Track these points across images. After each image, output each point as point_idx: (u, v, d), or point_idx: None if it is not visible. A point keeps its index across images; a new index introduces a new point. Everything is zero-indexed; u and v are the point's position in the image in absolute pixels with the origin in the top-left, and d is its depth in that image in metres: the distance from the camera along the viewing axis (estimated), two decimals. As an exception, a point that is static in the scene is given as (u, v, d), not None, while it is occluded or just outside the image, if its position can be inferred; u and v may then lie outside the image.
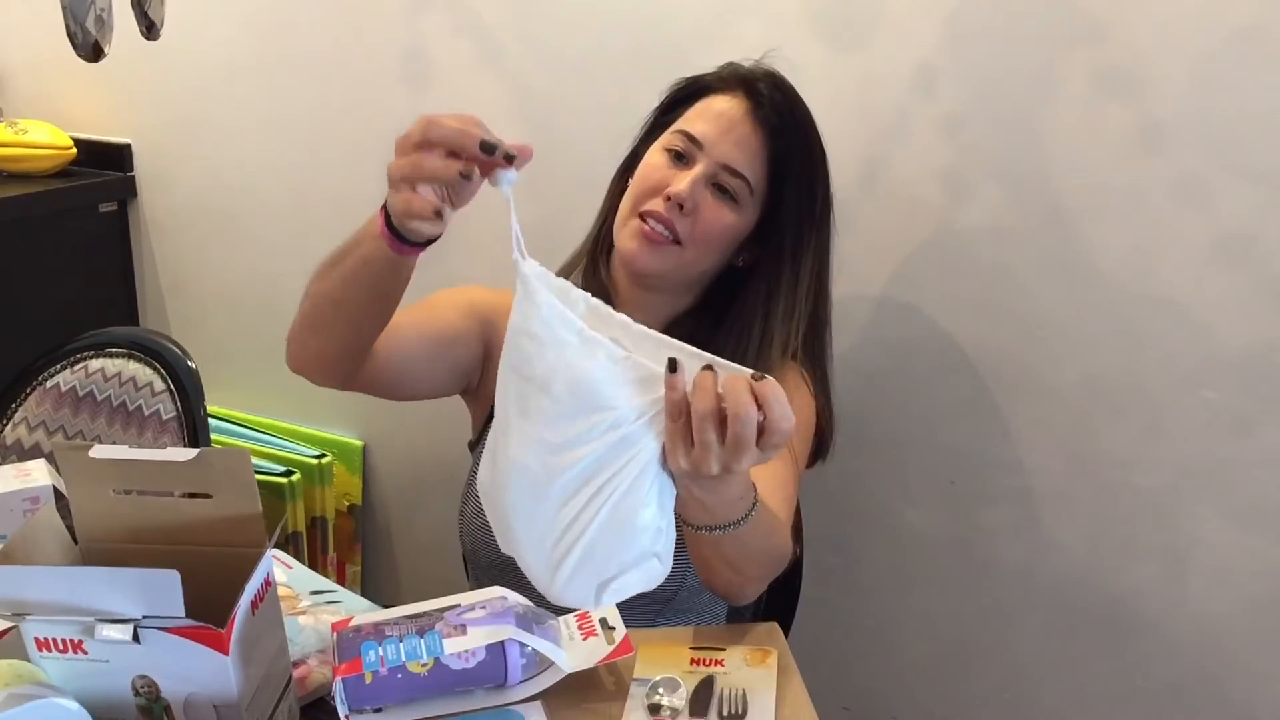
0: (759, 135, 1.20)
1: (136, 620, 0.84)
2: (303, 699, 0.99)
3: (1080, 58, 1.40)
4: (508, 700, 0.95)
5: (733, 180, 1.20)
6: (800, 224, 1.23)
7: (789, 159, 1.21)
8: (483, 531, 1.29)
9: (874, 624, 1.73)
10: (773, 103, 1.21)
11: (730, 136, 1.20)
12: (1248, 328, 1.39)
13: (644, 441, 0.83)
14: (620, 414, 0.83)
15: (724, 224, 1.20)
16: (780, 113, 1.21)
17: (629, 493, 0.84)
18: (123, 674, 0.87)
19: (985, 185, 1.50)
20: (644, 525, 0.84)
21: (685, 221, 1.19)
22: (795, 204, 1.22)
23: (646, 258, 1.21)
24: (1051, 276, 1.49)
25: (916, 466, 1.64)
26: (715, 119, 1.21)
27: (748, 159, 1.20)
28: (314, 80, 1.99)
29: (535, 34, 1.79)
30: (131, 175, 2.26)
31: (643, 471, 0.84)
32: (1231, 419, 1.42)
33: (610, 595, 0.86)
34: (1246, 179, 1.35)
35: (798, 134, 1.23)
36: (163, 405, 1.56)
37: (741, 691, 0.95)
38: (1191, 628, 1.51)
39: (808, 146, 1.24)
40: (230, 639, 0.85)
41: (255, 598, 0.89)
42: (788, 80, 1.27)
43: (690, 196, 1.18)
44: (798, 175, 1.22)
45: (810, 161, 1.24)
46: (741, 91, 1.23)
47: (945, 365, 1.59)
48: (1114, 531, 1.53)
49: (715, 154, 1.20)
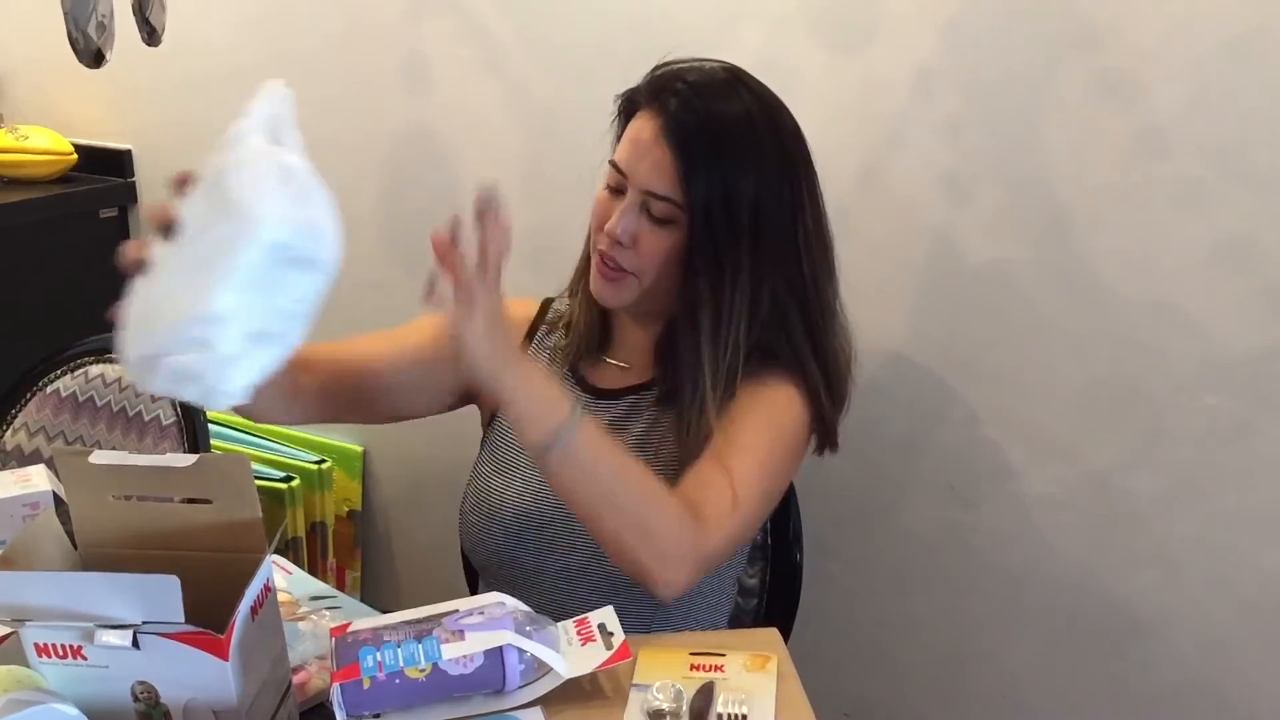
0: (670, 153, 1.15)
1: (136, 626, 0.84)
2: (302, 705, 0.99)
3: (1079, 63, 1.40)
4: (506, 706, 0.95)
5: (659, 204, 1.16)
6: (714, 239, 1.16)
7: (695, 173, 1.15)
8: (478, 529, 1.29)
9: (873, 629, 1.73)
10: (678, 116, 1.16)
11: (646, 161, 1.16)
12: (1247, 332, 1.39)
13: (256, 218, 0.80)
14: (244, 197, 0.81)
15: (664, 248, 1.17)
16: (684, 126, 1.15)
17: (207, 260, 0.81)
18: (122, 680, 0.87)
19: (985, 190, 1.50)
20: (213, 307, 0.80)
21: (628, 254, 1.18)
22: (705, 219, 1.15)
23: (609, 294, 1.21)
24: (1051, 281, 1.49)
25: (916, 471, 1.64)
26: (633, 144, 1.18)
27: (665, 180, 1.15)
28: (314, 85, 2.00)
29: (535, 39, 1.80)
30: (132, 181, 2.27)
31: (238, 246, 0.81)
32: (1231, 424, 1.42)
33: (160, 380, 0.84)
34: (1245, 184, 1.35)
35: (706, 143, 1.16)
36: (162, 411, 1.56)
37: (741, 697, 0.95)
38: (1191, 633, 1.51)
39: (722, 154, 1.16)
40: (230, 645, 0.84)
41: (255, 603, 0.89)
42: (717, 71, 1.21)
43: (624, 232, 1.17)
44: (708, 187, 1.15)
45: (726, 169, 1.16)
46: (656, 105, 1.18)
47: (945, 370, 1.59)
48: (1113, 537, 1.53)
49: (637, 182, 1.17)
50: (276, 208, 0.82)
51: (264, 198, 0.81)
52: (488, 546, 1.28)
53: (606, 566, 1.20)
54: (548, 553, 1.24)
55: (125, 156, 2.25)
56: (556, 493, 1.09)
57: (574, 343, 1.31)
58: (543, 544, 1.24)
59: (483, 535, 1.28)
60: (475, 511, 1.30)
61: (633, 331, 1.30)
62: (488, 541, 1.28)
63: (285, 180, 0.83)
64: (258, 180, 0.81)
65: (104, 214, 2.26)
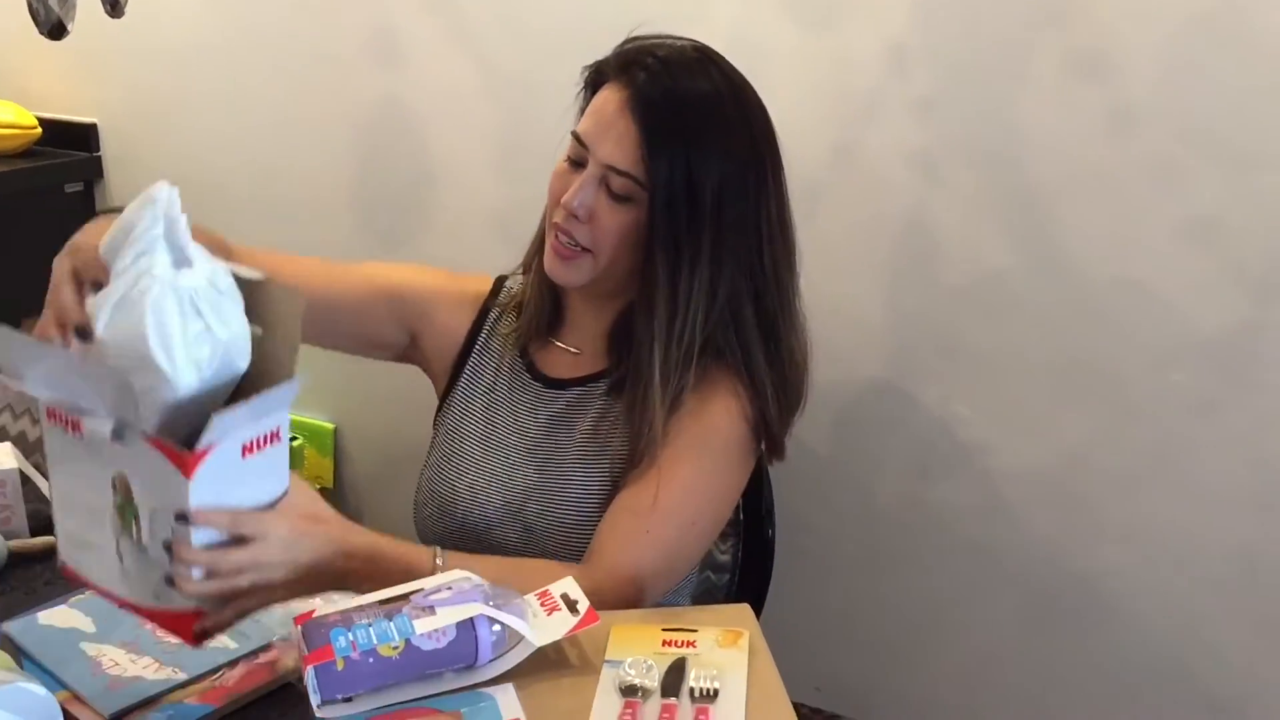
0: (634, 127, 1.11)
1: (125, 420, 0.83)
2: (271, 684, 0.99)
3: (1051, 41, 1.41)
4: (478, 681, 0.95)
5: (620, 180, 1.12)
6: (674, 220, 1.12)
7: (658, 149, 1.11)
8: (430, 523, 1.27)
9: (846, 605, 1.74)
10: (644, 91, 1.12)
11: (610, 134, 1.12)
12: (1216, 310, 1.40)
13: (171, 377, 0.82)
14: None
15: (623, 225, 1.13)
16: (650, 100, 1.12)
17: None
18: (105, 467, 0.87)
19: (956, 167, 1.50)
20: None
21: (584, 229, 1.14)
22: (667, 198, 1.11)
23: (562, 272, 1.17)
24: (1022, 258, 1.49)
25: (889, 448, 1.64)
26: (597, 116, 1.15)
27: (626, 155, 1.12)
28: (282, 58, 1.97)
29: (506, 12, 1.78)
30: (98, 155, 2.23)
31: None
32: (1199, 401, 1.44)
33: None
34: (1215, 162, 1.36)
35: (672, 120, 1.12)
36: (130, 388, 1.54)
37: (713, 673, 0.95)
38: (1158, 607, 1.53)
39: (687, 131, 1.12)
40: (195, 466, 0.83)
41: (251, 442, 0.87)
42: (687, 49, 1.17)
43: (581, 205, 1.13)
44: (670, 165, 1.11)
45: (691, 147, 1.12)
46: (623, 78, 1.14)
47: (917, 347, 1.59)
48: (1082, 512, 1.54)
49: (599, 156, 1.13)
50: (191, 358, 0.83)
51: (174, 352, 0.82)
52: (442, 542, 1.26)
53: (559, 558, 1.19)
54: (501, 547, 1.22)
55: (90, 130, 2.22)
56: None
57: (524, 324, 1.28)
58: (494, 545, 1.23)
59: (435, 529, 1.27)
60: (427, 505, 1.28)
61: (585, 315, 1.26)
62: (441, 537, 1.26)
63: (195, 313, 0.84)
64: (168, 331, 0.82)
65: (69, 188, 2.23)
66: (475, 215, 1.87)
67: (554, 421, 1.24)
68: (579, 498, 1.20)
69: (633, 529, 1.13)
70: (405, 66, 1.87)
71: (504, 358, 1.29)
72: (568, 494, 1.21)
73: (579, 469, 1.21)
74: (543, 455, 1.23)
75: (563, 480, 1.21)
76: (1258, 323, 1.38)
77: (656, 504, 1.13)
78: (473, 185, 1.87)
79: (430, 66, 1.86)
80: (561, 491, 1.21)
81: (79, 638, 1.03)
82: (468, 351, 1.31)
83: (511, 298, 1.32)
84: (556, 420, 1.24)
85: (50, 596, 1.10)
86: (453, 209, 1.90)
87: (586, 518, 1.19)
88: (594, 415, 1.23)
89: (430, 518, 1.27)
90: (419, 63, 1.86)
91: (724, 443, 1.19)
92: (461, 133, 1.87)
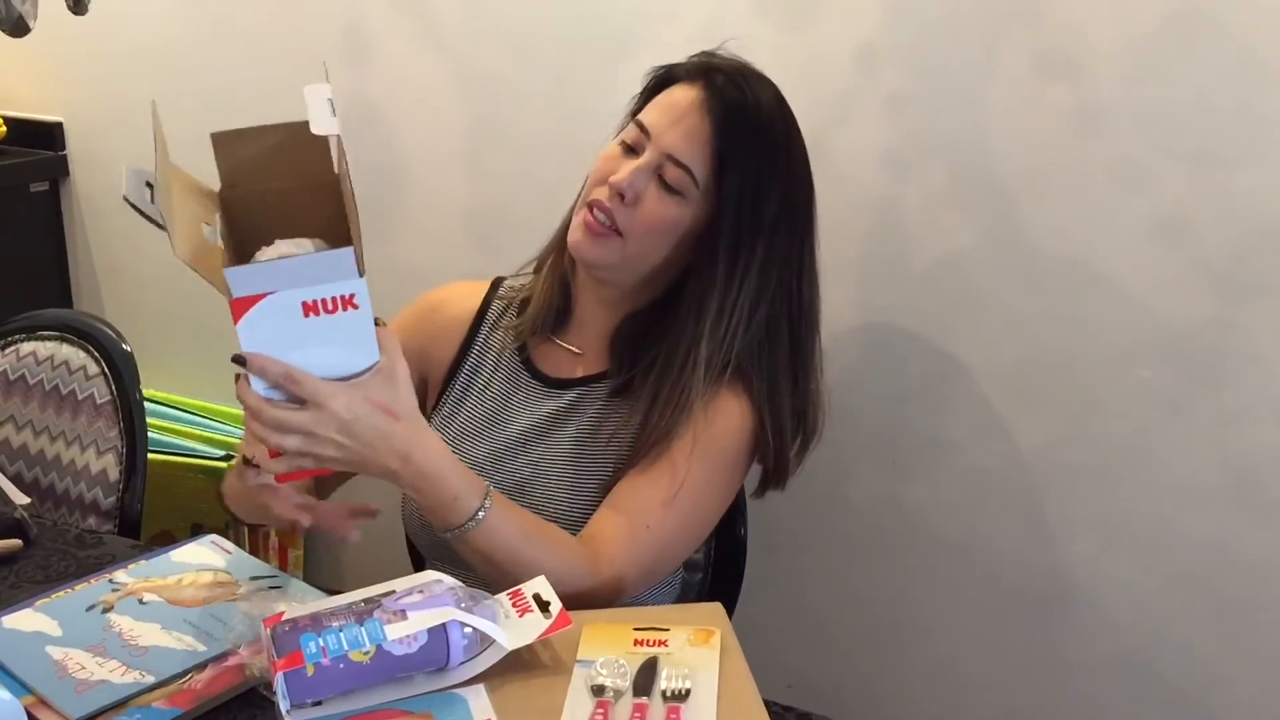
0: (707, 125, 1.14)
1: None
2: (237, 688, 0.98)
3: (1020, 40, 1.41)
4: (449, 683, 0.94)
5: (676, 171, 1.14)
6: (739, 225, 1.15)
7: (734, 152, 1.15)
8: (420, 516, 1.27)
9: (817, 602, 1.75)
10: (725, 93, 1.16)
11: (679, 127, 1.15)
12: (1182, 308, 1.41)
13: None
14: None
15: (666, 216, 1.15)
16: (730, 103, 1.15)
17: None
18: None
19: (926, 165, 1.51)
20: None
21: (626, 212, 1.15)
22: (736, 202, 1.15)
23: (587, 247, 1.18)
24: (990, 256, 1.50)
25: (859, 445, 1.65)
26: (667, 109, 1.17)
27: (693, 150, 1.14)
28: (251, 56, 1.96)
29: (477, 11, 1.77)
30: (63, 154, 2.21)
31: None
32: (1165, 397, 1.45)
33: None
34: (1182, 161, 1.37)
35: (750, 127, 1.16)
36: (97, 389, 1.53)
37: (685, 671, 0.95)
38: (1125, 601, 1.54)
39: (762, 142, 1.17)
40: (243, 312, 0.91)
41: (316, 303, 0.92)
42: (760, 73, 1.21)
43: (630, 186, 1.14)
44: (743, 171, 1.15)
45: (762, 158, 1.16)
46: (701, 81, 1.17)
47: (886, 344, 1.60)
48: (1049, 508, 1.55)
49: (662, 144, 1.15)
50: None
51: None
52: (431, 534, 1.26)
53: None
54: None
55: (56, 129, 2.20)
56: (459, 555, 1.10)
57: (529, 318, 1.28)
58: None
59: (424, 522, 1.27)
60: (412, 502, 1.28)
61: (593, 315, 1.26)
62: (430, 533, 1.26)
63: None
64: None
65: (34, 188, 2.21)
66: (445, 215, 1.86)
67: (550, 419, 1.25)
68: (572, 492, 1.21)
69: (635, 524, 1.14)
70: (374, 65, 1.86)
71: (502, 353, 1.30)
72: (561, 488, 1.21)
73: (573, 463, 1.22)
74: (537, 451, 1.24)
75: (556, 474, 1.22)
76: (1225, 320, 1.40)
77: (664, 502, 1.15)
78: (443, 185, 1.86)
79: (399, 65, 1.85)
80: (555, 485, 1.22)
81: (44, 641, 1.02)
82: (467, 349, 1.31)
83: (515, 293, 1.33)
84: (553, 418, 1.24)
85: (14, 600, 1.09)
86: (422, 209, 1.89)
87: (579, 511, 1.20)
88: (592, 415, 1.24)
89: (415, 515, 1.27)
90: (390, 61, 1.85)
91: (732, 452, 1.21)
92: (431, 132, 1.86)
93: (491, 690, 0.94)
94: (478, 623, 0.94)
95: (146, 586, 1.12)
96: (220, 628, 1.04)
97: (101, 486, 1.51)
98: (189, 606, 1.08)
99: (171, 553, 1.18)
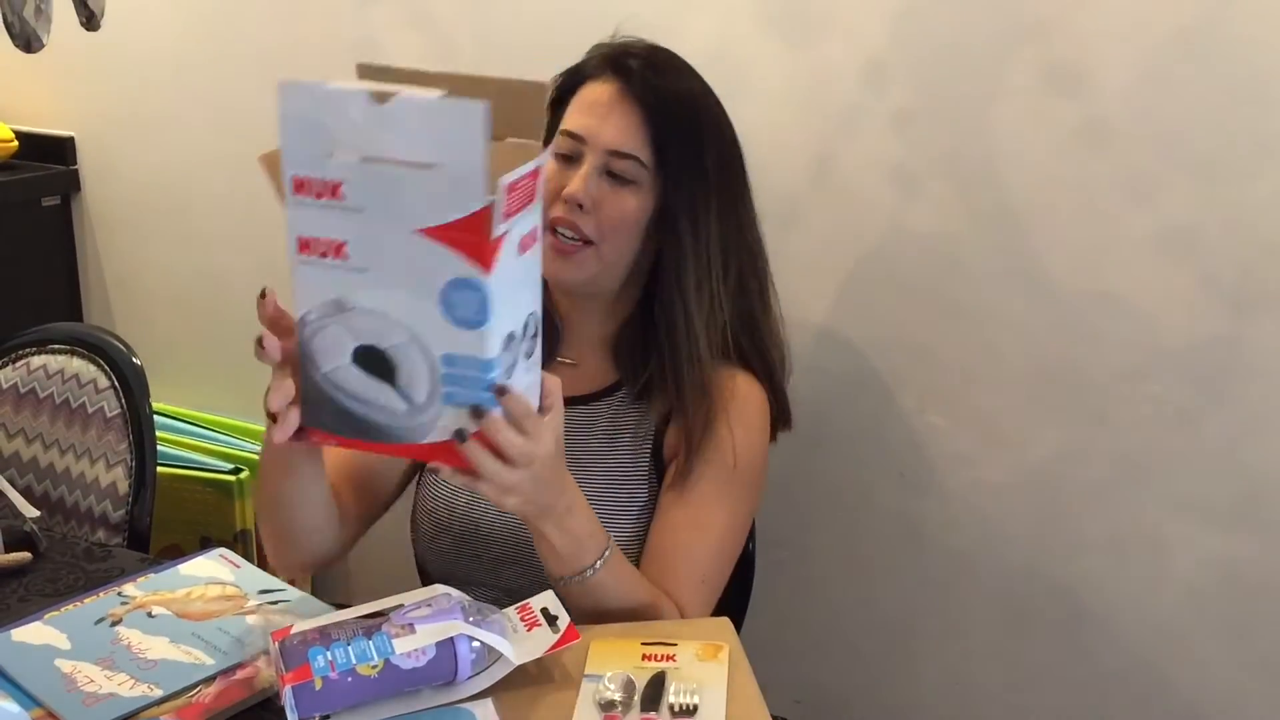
0: (636, 112, 1.16)
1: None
2: (248, 700, 0.98)
3: (1027, 55, 1.42)
4: (457, 697, 0.94)
5: (623, 163, 1.15)
6: (692, 194, 1.17)
7: (667, 127, 1.16)
8: (428, 539, 1.27)
9: (825, 617, 1.74)
10: (643, 76, 1.17)
11: (610, 120, 1.16)
12: (1190, 321, 1.41)
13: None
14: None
15: (628, 209, 1.16)
16: (650, 84, 1.17)
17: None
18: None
19: (933, 181, 1.51)
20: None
21: (589, 219, 1.16)
22: (680, 173, 1.17)
23: (565, 270, 1.18)
24: (998, 271, 1.50)
25: (866, 459, 1.65)
26: (591, 108, 1.18)
27: (631, 138, 1.15)
28: (261, 71, 1.96)
29: (485, 27, 1.78)
30: (75, 169, 2.22)
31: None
32: (1174, 412, 1.45)
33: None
34: (1189, 175, 1.37)
35: (675, 103, 1.18)
36: (106, 402, 1.53)
37: (693, 687, 0.95)
38: (1136, 617, 1.53)
39: (688, 114, 1.19)
40: (493, 256, 0.80)
41: (529, 233, 0.85)
42: (663, 47, 1.23)
43: (586, 193, 1.15)
44: (680, 142, 1.17)
45: (693, 125, 1.18)
46: (610, 72, 1.19)
47: (894, 358, 1.60)
48: (1059, 523, 1.55)
49: (600, 142, 1.16)
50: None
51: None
52: (440, 558, 1.26)
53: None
54: (502, 566, 1.22)
55: (68, 144, 2.21)
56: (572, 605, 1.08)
57: None
58: (493, 559, 1.23)
59: (432, 545, 1.26)
60: (425, 522, 1.28)
61: (581, 324, 1.26)
62: (439, 553, 1.26)
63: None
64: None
65: (46, 202, 2.22)
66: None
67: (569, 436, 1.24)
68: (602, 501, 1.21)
69: (690, 575, 1.16)
70: (385, 80, 1.87)
71: None
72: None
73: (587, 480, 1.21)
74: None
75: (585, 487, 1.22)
76: (1233, 335, 1.39)
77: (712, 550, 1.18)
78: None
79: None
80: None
81: (53, 654, 1.02)
82: None
83: None
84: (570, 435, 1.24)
85: (23, 613, 1.09)
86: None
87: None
88: (604, 428, 1.24)
89: (428, 535, 1.27)
90: (398, 76, 1.86)
91: (759, 472, 1.24)
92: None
93: (499, 704, 0.94)
94: (486, 637, 0.94)
95: (155, 600, 1.12)
96: (229, 641, 1.04)
97: (111, 500, 1.51)
98: (197, 620, 1.08)
99: (180, 566, 1.18)
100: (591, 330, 1.26)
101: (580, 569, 1.05)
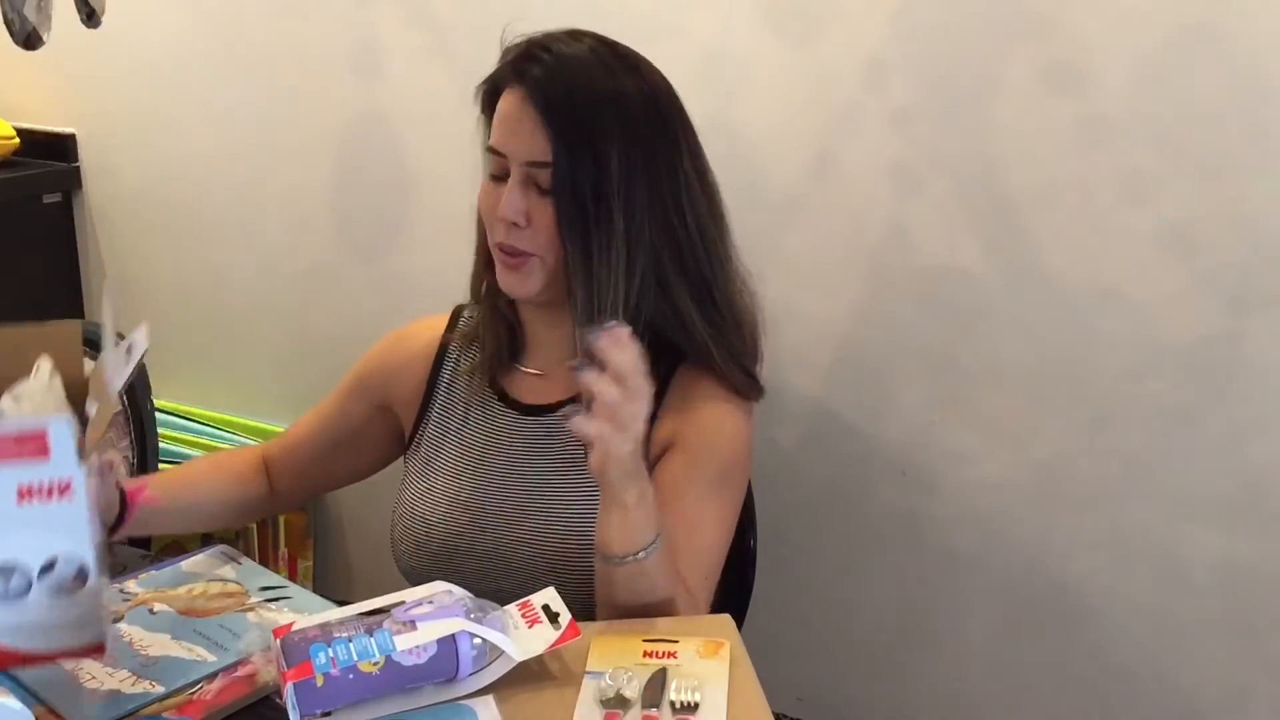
0: (538, 118, 1.13)
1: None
2: (249, 698, 0.98)
3: (1027, 53, 1.42)
4: (458, 694, 0.94)
5: (541, 172, 1.13)
6: (582, 197, 1.13)
7: (566, 130, 1.13)
8: (408, 554, 1.27)
9: (826, 614, 1.75)
10: (535, 78, 1.15)
11: (519, 133, 1.14)
12: (1192, 319, 1.41)
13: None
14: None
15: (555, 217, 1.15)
16: (543, 86, 1.14)
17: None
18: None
19: (934, 178, 1.51)
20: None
21: (526, 234, 1.15)
22: (574, 173, 1.13)
23: (518, 285, 1.18)
24: (999, 269, 1.50)
25: (868, 458, 1.65)
26: (504, 121, 1.17)
27: (539, 146, 1.13)
28: (262, 69, 1.97)
29: (486, 25, 1.77)
30: (76, 166, 2.22)
31: None
32: (1176, 410, 1.45)
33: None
34: (1189, 173, 1.37)
35: (566, 97, 1.14)
36: (108, 400, 1.53)
37: (694, 683, 0.95)
38: (1138, 616, 1.53)
39: (581, 106, 1.14)
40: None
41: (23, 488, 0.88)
42: (563, 31, 1.20)
43: (514, 211, 1.14)
44: (572, 142, 1.13)
45: (589, 121, 1.14)
46: (515, 79, 1.16)
47: (895, 357, 1.60)
48: (1061, 521, 1.55)
49: (517, 156, 1.15)
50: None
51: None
52: (419, 571, 1.25)
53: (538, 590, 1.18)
54: (482, 578, 1.22)
55: (69, 141, 2.21)
56: (598, 587, 1.08)
57: (486, 357, 1.28)
58: (472, 570, 1.22)
59: (412, 561, 1.26)
60: (404, 538, 1.27)
61: (543, 333, 1.26)
62: (418, 567, 1.25)
63: None
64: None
65: (48, 199, 2.22)
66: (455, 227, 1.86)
67: (532, 447, 1.24)
68: (565, 518, 1.20)
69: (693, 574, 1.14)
70: (385, 79, 1.87)
71: (473, 393, 1.29)
72: (551, 516, 1.20)
73: (562, 490, 1.21)
74: (525, 481, 1.23)
75: (544, 503, 1.21)
76: (1233, 332, 1.39)
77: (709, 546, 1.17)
78: (453, 198, 1.86)
79: (410, 79, 1.85)
80: (545, 514, 1.21)
81: (55, 652, 1.02)
82: (432, 390, 1.31)
83: (472, 328, 1.32)
84: (535, 445, 1.24)
85: (26, 611, 1.09)
86: (433, 221, 1.89)
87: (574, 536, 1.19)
88: (571, 435, 1.23)
89: (407, 551, 1.27)
90: (400, 75, 1.86)
91: (740, 469, 1.23)
92: (442, 146, 1.86)
93: (500, 701, 0.94)
94: (487, 633, 0.94)
95: (157, 596, 1.12)
96: (230, 638, 1.04)
97: (112, 497, 1.51)
98: (199, 617, 1.08)
99: (182, 563, 1.18)
100: (553, 342, 1.25)
101: (638, 548, 1.03)
